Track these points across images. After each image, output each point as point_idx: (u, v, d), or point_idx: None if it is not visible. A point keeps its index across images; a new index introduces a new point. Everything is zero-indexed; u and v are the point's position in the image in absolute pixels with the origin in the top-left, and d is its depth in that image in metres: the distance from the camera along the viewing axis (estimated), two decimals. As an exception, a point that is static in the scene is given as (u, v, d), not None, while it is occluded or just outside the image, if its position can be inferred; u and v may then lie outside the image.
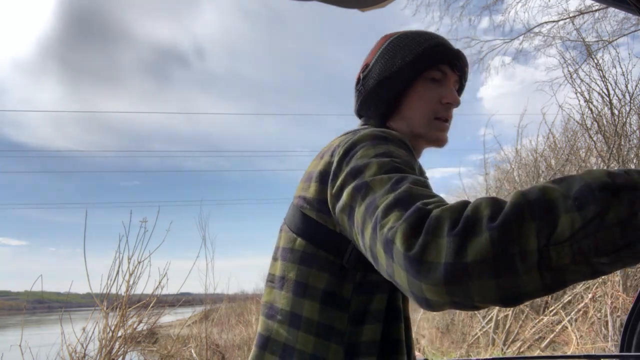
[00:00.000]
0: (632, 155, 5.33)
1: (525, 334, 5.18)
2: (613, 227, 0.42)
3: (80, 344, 3.70)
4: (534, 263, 0.42)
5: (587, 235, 0.42)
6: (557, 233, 0.42)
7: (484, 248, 0.43)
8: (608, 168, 0.49)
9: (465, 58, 0.90)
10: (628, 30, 6.62)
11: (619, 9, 0.60)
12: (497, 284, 0.43)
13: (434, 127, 0.86)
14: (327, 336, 0.70)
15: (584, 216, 0.42)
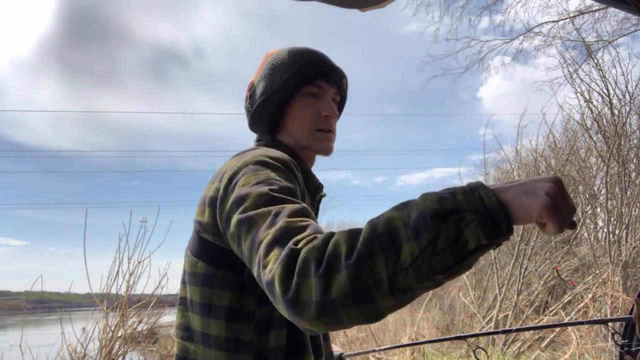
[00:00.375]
0: (632, 155, 5.33)
1: (525, 334, 5.18)
2: (444, 250, 0.51)
3: (80, 344, 3.70)
4: (386, 289, 0.51)
5: (424, 261, 0.51)
6: (401, 261, 0.51)
7: (343, 284, 0.52)
8: (461, 190, 0.55)
9: (341, 71, 0.97)
10: (628, 30, 6.62)
11: (619, 9, 0.60)
12: (360, 310, 0.52)
13: (316, 138, 0.93)
14: (236, 348, 0.75)
15: (420, 244, 0.51)
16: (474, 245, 0.51)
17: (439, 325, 7.11)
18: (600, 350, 4.06)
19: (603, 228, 5.98)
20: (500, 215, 0.52)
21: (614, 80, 5.21)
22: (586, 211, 6.25)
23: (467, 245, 0.51)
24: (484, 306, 6.37)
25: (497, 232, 0.52)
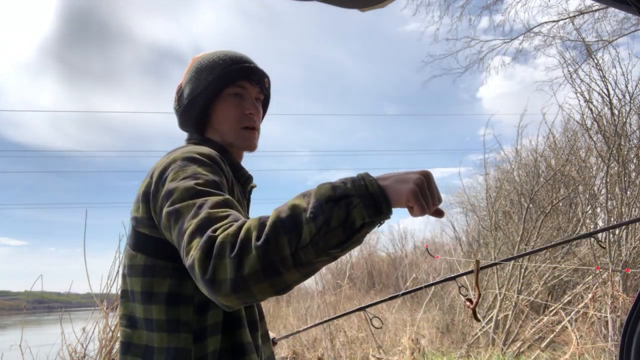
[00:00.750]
0: (632, 155, 5.33)
1: (525, 334, 5.17)
2: (336, 228, 0.62)
3: (80, 344, 3.69)
4: (290, 264, 0.62)
5: (321, 238, 0.62)
6: (301, 240, 0.62)
7: (254, 262, 0.61)
8: (350, 179, 0.67)
9: (262, 71, 1.04)
10: (628, 30, 6.62)
11: (619, 9, 0.60)
12: (269, 284, 0.62)
13: (241, 135, 1.01)
14: (177, 329, 0.83)
15: (317, 225, 0.62)
16: (360, 222, 0.64)
17: (439, 325, 7.10)
18: (600, 350, 4.06)
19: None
20: (381, 199, 0.65)
21: (614, 80, 5.21)
22: (586, 211, 6.25)
23: (355, 223, 0.63)
24: (484, 306, 6.37)
25: (378, 211, 0.64)
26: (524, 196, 6.40)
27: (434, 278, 8.94)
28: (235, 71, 1.01)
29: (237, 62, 1.01)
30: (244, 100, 1.02)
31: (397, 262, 13.09)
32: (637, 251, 4.81)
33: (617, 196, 5.02)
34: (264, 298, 0.65)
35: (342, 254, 0.66)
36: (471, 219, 9.97)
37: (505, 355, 5.05)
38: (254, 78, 1.02)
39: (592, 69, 5.35)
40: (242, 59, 1.03)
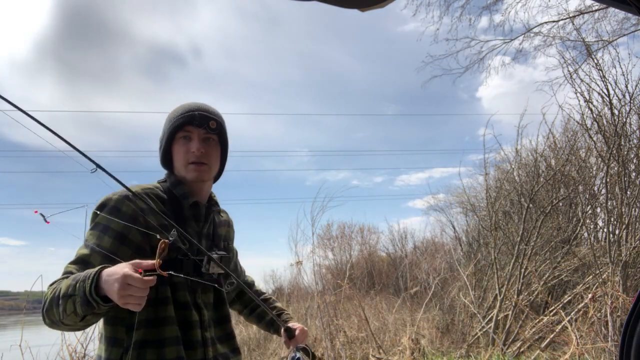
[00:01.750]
0: (632, 155, 5.33)
1: (525, 334, 5.17)
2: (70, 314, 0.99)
3: (80, 344, 3.70)
4: (60, 324, 1.03)
5: (64, 318, 1.00)
6: (60, 315, 0.99)
7: (45, 319, 1.05)
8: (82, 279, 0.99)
9: (207, 115, 1.26)
10: (628, 30, 6.62)
11: (619, 9, 0.60)
12: (56, 328, 1.07)
13: (189, 170, 1.26)
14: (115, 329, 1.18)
15: (60, 309, 0.99)
16: (82, 314, 0.96)
17: (439, 325, 7.10)
18: (600, 350, 4.06)
19: (603, 228, 5.98)
20: (93, 299, 0.94)
21: (614, 80, 5.21)
22: (586, 211, 6.25)
23: (79, 313, 0.96)
24: (484, 306, 6.37)
25: (92, 307, 0.95)
26: (524, 196, 6.40)
27: (434, 278, 8.94)
28: (182, 119, 1.25)
29: (185, 111, 1.26)
30: (191, 141, 1.25)
31: (397, 262, 13.09)
32: (637, 251, 4.81)
33: (617, 196, 5.02)
34: (60, 330, 1.20)
35: (86, 326, 1.06)
36: (471, 219, 9.97)
37: (505, 355, 5.05)
38: (195, 122, 1.24)
39: (592, 69, 5.35)
40: (190, 108, 1.26)
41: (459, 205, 11.03)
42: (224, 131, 1.32)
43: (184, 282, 1.18)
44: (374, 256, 14.16)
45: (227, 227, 1.44)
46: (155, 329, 1.13)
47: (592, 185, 6.14)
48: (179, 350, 1.12)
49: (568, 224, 6.55)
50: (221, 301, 1.30)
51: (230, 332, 1.30)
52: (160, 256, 0.96)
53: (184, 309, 1.18)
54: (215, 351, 1.23)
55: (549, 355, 4.74)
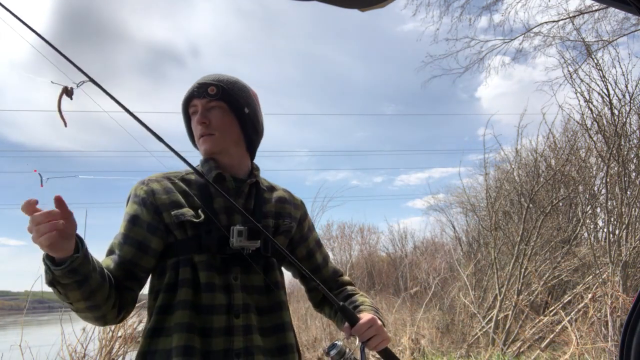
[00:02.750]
0: (632, 155, 5.33)
1: (525, 334, 5.17)
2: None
3: (80, 344, 3.69)
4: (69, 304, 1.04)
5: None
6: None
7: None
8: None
9: (204, 83, 1.18)
10: (628, 30, 6.62)
11: (619, 9, 0.60)
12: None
13: (199, 144, 1.19)
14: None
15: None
16: (48, 280, 0.94)
17: (439, 325, 7.10)
18: (600, 350, 4.06)
19: (603, 228, 5.98)
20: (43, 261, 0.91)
21: (614, 80, 5.21)
22: (586, 211, 6.25)
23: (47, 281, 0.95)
24: (484, 306, 6.37)
25: (47, 273, 0.92)
26: (524, 196, 6.40)
27: (434, 278, 8.94)
28: (187, 94, 1.20)
29: (190, 87, 1.20)
30: (196, 114, 1.18)
31: (397, 262, 13.09)
32: (637, 251, 4.81)
33: (617, 196, 5.02)
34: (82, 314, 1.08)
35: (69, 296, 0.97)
36: (471, 219, 9.97)
37: (505, 355, 5.05)
38: (195, 94, 1.18)
39: (592, 69, 5.35)
40: (195, 82, 1.20)
41: (459, 205, 11.03)
42: (232, 95, 1.18)
43: (207, 261, 1.06)
44: (374, 256, 14.17)
45: (284, 204, 1.26)
46: (164, 316, 1.03)
47: (592, 185, 6.15)
48: (189, 338, 0.99)
49: (568, 224, 6.55)
50: (274, 285, 1.13)
51: (281, 324, 1.11)
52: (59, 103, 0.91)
53: (207, 291, 1.04)
54: (249, 342, 1.04)
55: (549, 355, 4.74)
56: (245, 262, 1.09)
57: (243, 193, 1.19)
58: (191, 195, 1.12)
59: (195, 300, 1.03)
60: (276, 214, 1.22)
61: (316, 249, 1.33)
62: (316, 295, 1.32)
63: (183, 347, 0.97)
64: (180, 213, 1.08)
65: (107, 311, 1.02)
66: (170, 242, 1.09)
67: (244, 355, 1.02)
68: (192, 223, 1.07)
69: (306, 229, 1.31)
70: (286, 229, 1.21)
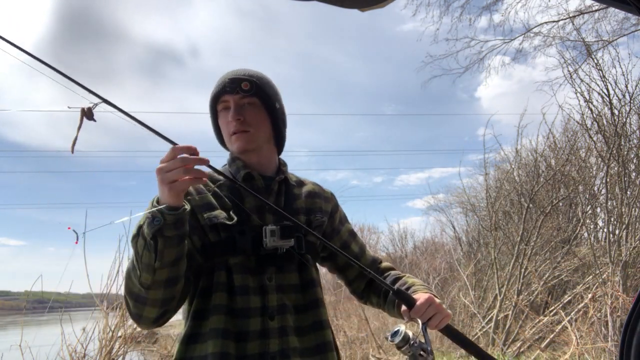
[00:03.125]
0: (632, 155, 5.33)
1: (525, 334, 5.17)
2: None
3: (80, 344, 3.70)
4: (139, 285, 0.95)
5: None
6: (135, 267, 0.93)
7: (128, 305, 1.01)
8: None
9: (237, 78, 1.14)
10: (628, 30, 6.62)
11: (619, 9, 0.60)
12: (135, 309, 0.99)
13: (232, 142, 1.15)
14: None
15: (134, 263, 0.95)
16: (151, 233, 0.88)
17: (439, 325, 7.08)
18: (600, 350, 4.06)
19: (603, 228, 5.98)
20: (155, 206, 0.87)
21: (614, 80, 5.21)
22: (586, 211, 6.25)
23: (148, 240, 0.88)
24: (484, 306, 6.37)
25: (157, 221, 0.86)
26: (524, 196, 6.40)
27: (434, 278, 8.94)
28: (215, 91, 1.16)
29: (218, 82, 1.17)
30: (229, 111, 1.14)
31: (397, 262, 13.09)
32: (637, 251, 4.81)
33: (617, 196, 5.02)
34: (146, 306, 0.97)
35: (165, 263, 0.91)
36: (471, 219, 9.97)
37: (505, 355, 5.05)
38: (228, 89, 1.13)
39: (592, 69, 5.35)
40: (224, 76, 1.16)
41: (459, 205, 11.03)
42: (265, 91, 1.16)
43: (241, 263, 1.05)
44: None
45: (314, 199, 1.24)
46: (199, 321, 1.02)
47: (592, 185, 6.15)
48: (224, 345, 0.97)
49: (568, 224, 6.56)
50: (310, 283, 1.11)
51: (318, 321, 1.09)
52: (79, 126, 0.89)
53: (241, 294, 1.02)
54: (285, 344, 1.02)
55: (549, 355, 4.74)
56: (280, 262, 1.08)
57: (273, 191, 1.17)
58: (222, 197, 1.11)
59: (230, 304, 1.02)
60: (307, 209, 1.20)
61: (350, 239, 1.30)
62: (358, 285, 1.29)
63: (219, 354, 0.96)
64: (213, 215, 1.06)
65: (177, 291, 0.97)
66: (204, 245, 1.07)
67: (279, 358, 1.01)
68: (225, 225, 1.06)
69: (337, 221, 1.28)
70: (318, 224, 1.19)
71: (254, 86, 1.14)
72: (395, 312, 1.15)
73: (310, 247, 1.14)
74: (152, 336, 6.30)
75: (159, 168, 0.86)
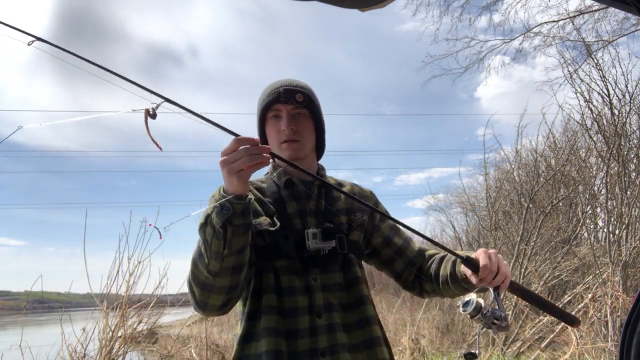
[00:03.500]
0: (632, 155, 5.33)
1: (525, 334, 5.18)
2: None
3: (80, 344, 3.69)
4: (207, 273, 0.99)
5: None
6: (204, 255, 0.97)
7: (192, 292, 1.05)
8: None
9: (292, 89, 1.21)
10: (628, 30, 6.62)
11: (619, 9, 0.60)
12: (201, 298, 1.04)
13: (282, 150, 1.20)
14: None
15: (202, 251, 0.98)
16: (220, 222, 0.91)
17: (439, 325, 7.11)
18: (600, 350, 4.06)
19: (603, 228, 5.98)
20: (223, 196, 0.91)
21: (614, 80, 5.21)
22: (586, 211, 6.25)
23: (217, 229, 0.92)
24: (484, 306, 6.36)
25: (227, 210, 0.90)
26: (524, 196, 6.40)
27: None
28: (268, 98, 1.21)
29: (271, 90, 1.22)
30: (280, 119, 1.21)
31: (397, 262, 13.06)
32: (637, 251, 4.81)
33: (617, 196, 5.02)
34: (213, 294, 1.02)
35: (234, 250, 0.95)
36: (471, 219, 9.97)
37: (505, 355, 5.06)
38: (282, 99, 1.19)
39: (592, 69, 5.35)
40: (275, 85, 1.23)
41: (459, 205, 11.03)
42: (314, 103, 1.26)
43: (287, 265, 1.12)
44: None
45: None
46: (252, 322, 1.09)
47: (592, 185, 6.14)
48: (277, 343, 1.03)
49: (568, 224, 6.56)
50: (354, 281, 1.17)
51: (365, 318, 1.14)
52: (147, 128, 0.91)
53: (288, 294, 1.09)
54: (333, 340, 1.07)
55: (549, 355, 4.74)
56: (323, 262, 1.13)
57: (313, 195, 1.23)
58: (266, 203, 1.18)
59: (279, 304, 1.08)
60: (347, 210, 1.26)
61: (393, 234, 1.33)
62: (407, 276, 1.31)
63: (272, 351, 1.02)
64: (257, 222, 1.13)
65: (242, 280, 1.02)
66: (252, 248, 1.13)
67: (329, 353, 1.05)
68: (269, 231, 1.13)
69: (378, 218, 1.32)
70: (359, 223, 1.25)
71: (307, 98, 1.22)
72: (452, 290, 1.19)
73: (353, 246, 1.20)
74: (152, 336, 6.30)
75: (224, 160, 0.89)
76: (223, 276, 0.97)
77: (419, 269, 1.29)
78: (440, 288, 1.22)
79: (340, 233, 1.15)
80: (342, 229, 1.17)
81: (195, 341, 6.02)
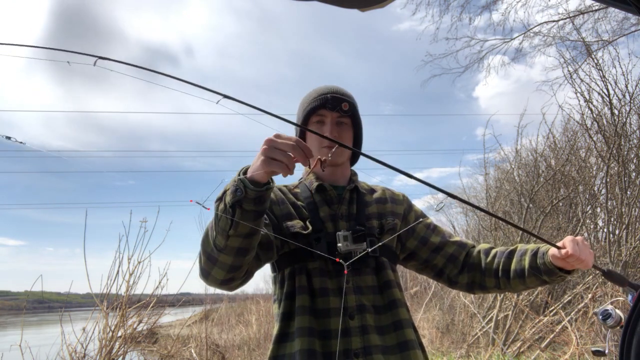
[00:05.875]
0: (632, 155, 5.33)
1: (525, 334, 5.17)
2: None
3: (80, 344, 3.70)
4: (212, 248, 1.00)
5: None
6: (212, 229, 0.98)
7: (201, 262, 1.05)
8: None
9: (339, 97, 1.25)
10: (628, 30, 6.62)
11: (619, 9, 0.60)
12: (206, 268, 1.04)
13: (322, 153, 1.21)
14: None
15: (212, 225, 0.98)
16: (231, 201, 0.89)
17: (439, 325, 7.11)
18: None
19: (603, 228, 5.98)
20: (241, 178, 0.89)
21: (614, 80, 5.21)
22: (586, 211, 6.25)
23: (227, 207, 0.90)
24: (484, 306, 6.37)
25: (240, 193, 0.89)
26: (524, 196, 6.40)
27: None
28: (315, 103, 1.25)
29: (318, 95, 1.26)
30: (324, 125, 1.25)
31: (397, 262, 13.06)
32: (637, 251, 4.81)
33: (617, 196, 5.02)
34: (217, 270, 1.02)
35: (239, 233, 0.93)
36: (471, 219, 9.97)
37: (505, 355, 5.06)
38: (328, 106, 1.23)
39: (592, 69, 5.35)
40: (322, 91, 1.27)
41: (459, 205, 11.02)
42: (357, 113, 1.30)
43: (320, 267, 1.14)
44: (374, 256, 14.10)
45: (385, 203, 1.32)
46: (287, 322, 1.12)
47: (592, 185, 6.15)
48: (310, 342, 1.05)
49: (568, 224, 6.55)
50: (387, 284, 1.18)
51: (399, 321, 1.14)
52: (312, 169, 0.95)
53: (321, 295, 1.12)
54: (367, 341, 1.08)
55: (549, 355, 4.74)
56: (356, 265, 1.14)
57: (345, 200, 1.26)
58: (299, 207, 1.22)
59: (312, 305, 1.11)
60: (379, 214, 1.28)
61: (430, 233, 1.35)
62: (451, 270, 1.31)
63: (306, 350, 1.04)
64: (290, 225, 1.17)
65: (246, 262, 1.02)
66: (285, 252, 1.17)
67: (362, 354, 1.06)
68: (302, 234, 1.16)
69: (412, 221, 1.34)
70: (391, 227, 1.26)
71: (351, 108, 1.26)
72: (524, 285, 1.19)
73: (386, 250, 1.22)
74: (152, 336, 6.30)
75: (271, 139, 0.87)
76: (227, 254, 0.97)
77: (469, 265, 1.29)
78: (509, 282, 1.21)
79: (372, 236, 1.18)
80: (374, 233, 1.20)
81: (195, 341, 6.02)
